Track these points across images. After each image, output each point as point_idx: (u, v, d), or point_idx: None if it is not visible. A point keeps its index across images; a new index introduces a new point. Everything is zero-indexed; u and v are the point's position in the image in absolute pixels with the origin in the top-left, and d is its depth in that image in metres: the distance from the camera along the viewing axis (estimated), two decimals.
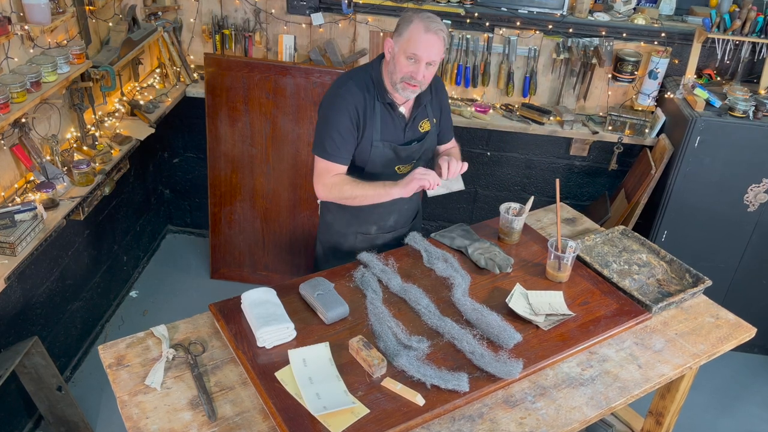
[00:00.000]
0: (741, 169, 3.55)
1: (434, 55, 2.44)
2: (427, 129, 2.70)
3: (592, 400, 2.12)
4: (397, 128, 2.62)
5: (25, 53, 2.86)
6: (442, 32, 2.44)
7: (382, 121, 2.58)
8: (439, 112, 2.76)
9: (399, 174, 2.69)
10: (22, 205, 2.71)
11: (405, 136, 2.64)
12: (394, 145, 2.62)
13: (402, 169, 2.70)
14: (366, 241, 2.84)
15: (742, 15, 3.47)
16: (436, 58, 2.45)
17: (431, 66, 2.47)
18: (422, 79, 2.47)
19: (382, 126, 2.58)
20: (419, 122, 2.67)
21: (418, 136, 2.68)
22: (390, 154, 2.63)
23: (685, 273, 2.67)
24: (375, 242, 2.85)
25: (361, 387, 2.03)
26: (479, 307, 2.32)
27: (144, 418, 1.94)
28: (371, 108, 2.56)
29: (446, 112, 2.81)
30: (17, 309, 3.04)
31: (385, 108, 2.58)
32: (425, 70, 2.45)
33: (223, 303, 2.33)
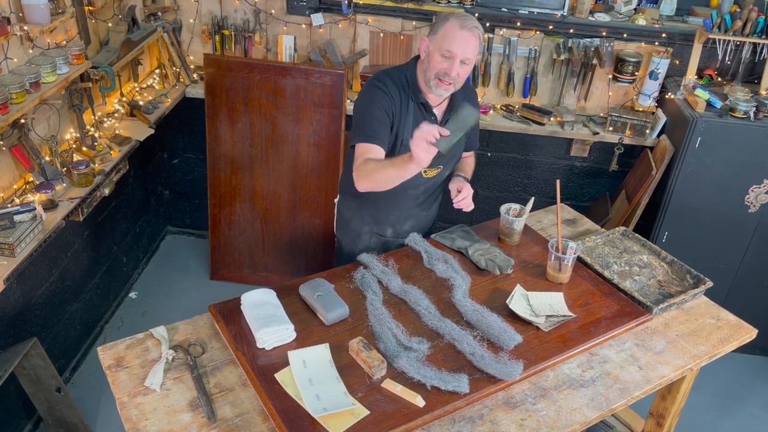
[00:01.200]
0: (742, 170, 3.55)
1: (469, 52, 2.42)
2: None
3: (592, 402, 2.11)
4: None
5: (25, 54, 2.86)
6: (478, 30, 2.43)
7: (415, 120, 2.56)
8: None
9: (424, 177, 2.69)
10: (21, 206, 2.71)
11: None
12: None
13: (428, 172, 2.70)
14: (380, 243, 2.85)
15: (743, 15, 3.46)
16: (471, 56, 2.44)
17: (466, 65, 2.45)
18: (456, 77, 2.46)
19: (414, 126, 2.54)
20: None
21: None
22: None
23: (686, 274, 2.66)
24: (389, 246, 2.85)
25: (361, 388, 2.03)
26: (479, 309, 2.31)
27: (143, 419, 1.94)
28: (405, 106, 2.56)
29: (476, 125, 2.82)
30: (16, 310, 3.03)
31: (418, 108, 2.58)
32: (459, 67, 2.44)
33: (222, 304, 2.33)
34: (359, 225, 2.86)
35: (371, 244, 2.86)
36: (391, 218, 2.81)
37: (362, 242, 2.88)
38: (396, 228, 2.85)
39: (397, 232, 2.86)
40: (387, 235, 2.86)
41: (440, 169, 2.73)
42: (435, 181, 2.77)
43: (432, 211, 2.88)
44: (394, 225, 2.83)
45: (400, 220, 2.82)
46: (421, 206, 2.83)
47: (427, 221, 2.93)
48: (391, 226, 2.84)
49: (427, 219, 2.92)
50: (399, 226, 2.84)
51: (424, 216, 2.88)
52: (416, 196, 2.78)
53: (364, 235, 2.87)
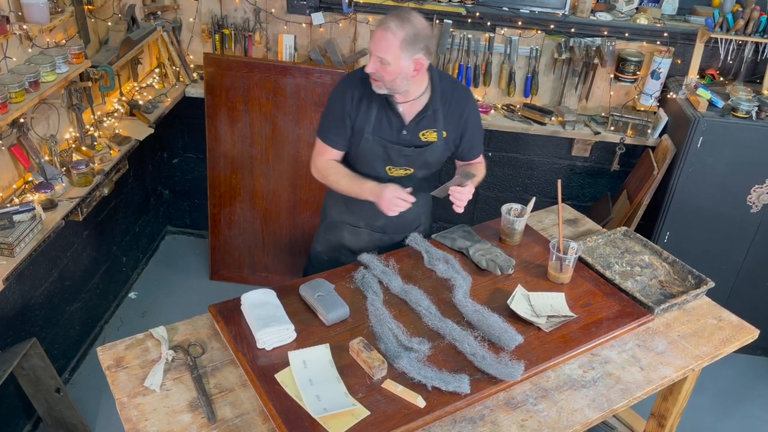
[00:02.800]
0: (744, 170, 3.54)
1: (381, 50, 2.36)
2: (432, 140, 2.61)
3: (593, 402, 2.11)
4: (392, 127, 2.57)
5: (24, 53, 2.85)
6: (393, 30, 2.34)
7: (378, 116, 2.55)
8: (458, 127, 2.64)
9: (389, 176, 2.64)
10: (20, 206, 2.70)
11: (400, 138, 2.59)
12: (385, 142, 2.58)
13: (393, 171, 2.64)
14: (354, 233, 2.82)
15: (745, 15, 3.45)
16: (385, 55, 2.35)
17: (385, 64, 2.37)
18: (374, 73, 2.41)
19: (376, 121, 2.55)
20: (422, 130, 2.59)
21: (416, 143, 2.60)
22: (380, 150, 2.59)
23: (688, 274, 2.66)
24: (362, 237, 2.83)
25: (361, 389, 2.02)
26: (480, 309, 2.31)
27: (143, 419, 1.94)
28: (368, 100, 2.54)
29: (472, 128, 2.69)
30: (16, 310, 3.03)
31: (382, 105, 2.55)
32: (378, 65, 2.39)
33: (222, 304, 2.33)
34: (336, 214, 2.84)
35: (347, 235, 2.84)
36: (364, 211, 2.74)
37: (337, 231, 2.86)
38: (369, 221, 2.79)
39: (370, 225, 2.80)
40: (360, 226, 2.81)
41: (409, 171, 2.65)
42: (404, 182, 2.63)
43: (408, 213, 2.67)
44: (367, 218, 2.78)
45: (371, 216, 2.74)
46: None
47: (403, 223, 2.79)
48: (363, 219, 2.79)
49: (403, 220, 2.76)
50: (372, 220, 2.78)
51: (398, 217, 2.68)
52: None
53: (339, 224, 2.85)
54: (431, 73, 2.55)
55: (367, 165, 2.65)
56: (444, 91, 2.59)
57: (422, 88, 2.53)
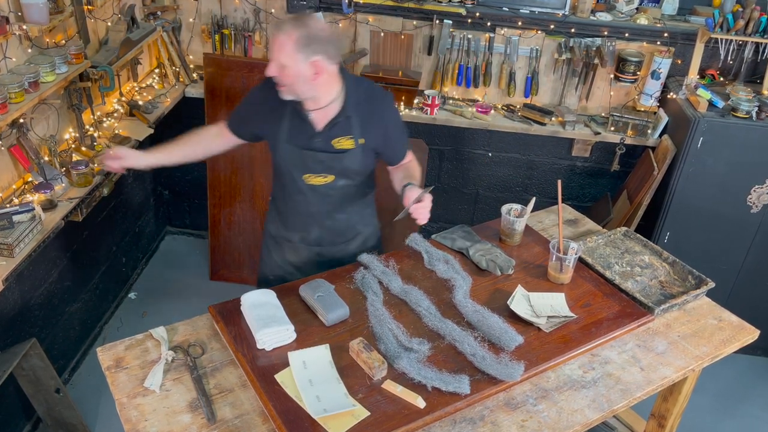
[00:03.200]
0: (744, 170, 3.54)
1: (275, 52, 2.31)
2: (347, 147, 2.51)
3: (593, 403, 2.10)
4: (303, 134, 2.51)
5: (23, 53, 2.85)
6: (287, 33, 2.28)
7: (291, 123, 2.51)
8: (378, 133, 2.54)
9: (308, 184, 2.58)
10: (20, 206, 2.69)
11: (313, 144, 2.50)
12: (299, 149, 2.52)
13: (312, 179, 2.56)
14: (291, 248, 2.77)
15: (746, 15, 3.45)
16: (282, 60, 2.30)
17: (283, 68, 2.32)
18: (276, 77, 2.36)
19: (290, 127, 2.51)
20: (336, 137, 2.49)
21: (330, 149, 2.51)
22: (295, 157, 2.54)
23: (688, 275, 2.65)
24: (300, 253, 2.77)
25: (361, 389, 2.02)
26: (480, 309, 2.30)
27: (143, 420, 1.93)
28: (282, 106, 2.49)
29: (394, 134, 2.61)
30: (15, 310, 3.03)
31: (294, 110, 2.50)
32: (277, 68, 2.34)
33: (222, 305, 2.32)
34: (274, 229, 2.81)
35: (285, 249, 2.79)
36: (296, 223, 2.72)
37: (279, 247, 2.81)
38: (303, 234, 2.73)
39: (305, 240, 2.74)
40: (295, 240, 2.75)
41: (328, 178, 2.56)
42: (325, 190, 2.59)
43: (339, 223, 2.68)
44: (300, 231, 2.72)
45: (304, 227, 2.71)
46: (318, 215, 2.67)
47: (337, 233, 2.73)
48: (297, 231, 2.73)
49: (336, 230, 2.71)
50: (305, 233, 2.72)
51: (330, 226, 2.69)
52: (306, 202, 2.63)
53: (279, 239, 2.80)
54: (345, 79, 2.47)
55: (285, 172, 2.61)
56: (359, 98, 2.49)
57: (333, 94, 2.44)
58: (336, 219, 2.68)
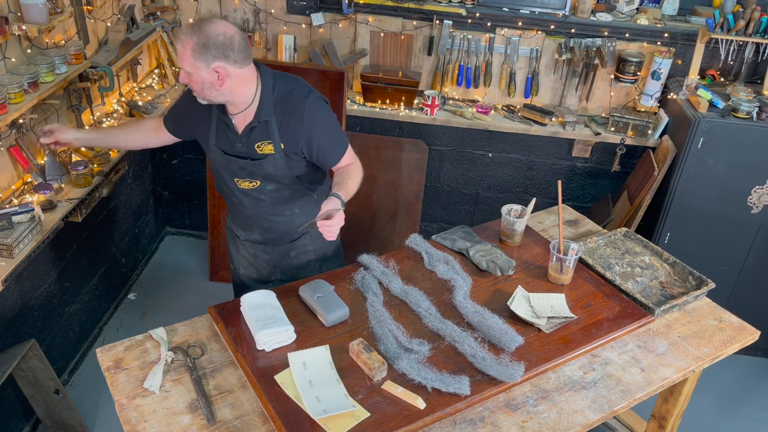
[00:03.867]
0: (744, 171, 3.53)
1: (180, 61, 2.30)
2: (269, 152, 2.46)
3: (594, 404, 2.10)
4: (229, 138, 2.50)
5: (23, 53, 2.85)
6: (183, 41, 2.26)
7: (218, 126, 2.51)
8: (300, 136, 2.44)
9: (239, 188, 2.57)
10: (19, 207, 2.69)
11: (237, 149, 2.49)
12: (224, 154, 2.52)
13: (241, 183, 2.55)
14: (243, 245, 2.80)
15: (746, 15, 3.45)
16: (185, 66, 2.28)
17: (189, 74, 2.29)
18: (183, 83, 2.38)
19: (217, 131, 2.51)
20: (256, 142, 2.45)
21: (253, 155, 2.48)
22: (223, 162, 2.53)
23: (689, 275, 2.65)
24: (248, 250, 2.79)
25: (361, 390, 2.02)
26: (480, 310, 2.30)
27: (142, 421, 1.93)
28: (210, 111, 2.50)
29: (320, 135, 2.47)
30: (14, 311, 3.02)
31: (220, 115, 2.49)
32: (185, 76, 2.31)
33: (222, 305, 2.32)
34: (229, 224, 2.86)
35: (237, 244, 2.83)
36: (237, 222, 2.76)
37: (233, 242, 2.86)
38: (246, 233, 2.75)
39: (248, 238, 2.76)
40: (241, 237, 2.78)
41: (255, 183, 2.54)
42: (256, 194, 2.58)
43: (280, 225, 2.67)
44: (243, 229, 2.75)
45: (245, 226, 2.73)
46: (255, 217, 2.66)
47: (277, 233, 2.71)
48: (241, 228, 2.76)
49: (275, 231, 2.70)
50: (247, 232, 2.74)
51: (269, 228, 2.68)
52: (241, 204, 2.64)
53: (231, 236, 2.85)
54: (263, 81, 2.42)
55: (219, 176, 2.63)
56: (277, 100, 2.43)
57: (247, 98, 2.40)
58: (273, 221, 2.67)
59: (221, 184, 2.67)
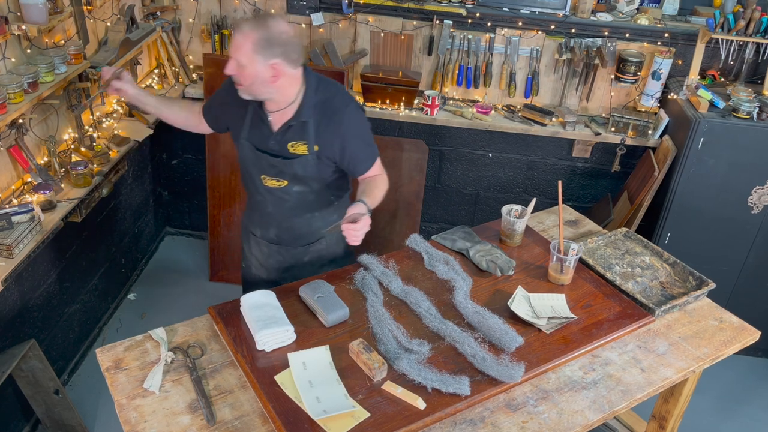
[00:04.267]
0: (745, 171, 3.53)
1: (235, 52, 2.29)
2: (301, 152, 2.47)
3: (594, 404, 2.10)
4: (262, 134, 2.50)
5: (23, 53, 2.84)
6: (246, 33, 2.27)
7: (252, 121, 2.51)
8: (335, 141, 2.47)
9: (264, 185, 2.57)
10: (19, 207, 2.69)
11: (269, 146, 2.50)
12: (255, 149, 2.52)
13: (268, 181, 2.56)
14: (257, 243, 2.79)
15: (746, 15, 3.45)
16: (240, 57, 2.28)
17: (241, 67, 2.30)
18: (231, 74, 2.35)
19: (251, 126, 2.51)
20: (290, 141, 2.47)
21: (285, 154, 2.49)
22: (253, 157, 2.54)
23: (689, 276, 2.65)
24: (261, 249, 2.78)
25: (361, 390, 2.01)
26: (481, 310, 2.30)
27: (142, 421, 1.93)
28: (246, 104, 2.50)
29: (354, 144, 2.50)
30: (14, 312, 3.02)
31: (256, 110, 2.50)
32: (235, 67, 2.31)
33: (222, 306, 2.32)
34: (245, 221, 2.86)
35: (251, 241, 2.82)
36: (255, 219, 2.75)
37: (247, 239, 2.85)
38: (262, 231, 2.75)
39: (264, 236, 2.75)
40: (257, 235, 2.77)
41: (282, 183, 2.55)
42: (281, 194, 2.59)
43: (298, 227, 2.67)
44: (260, 227, 2.75)
45: (262, 224, 2.73)
46: (275, 216, 2.67)
47: (296, 236, 2.71)
48: (258, 227, 2.76)
49: (293, 233, 2.70)
50: (264, 230, 2.74)
51: (287, 229, 2.68)
52: (264, 203, 2.65)
53: (247, 232, 2.85)
54: (307, 82, 2.44)
55: (246, 171, 2.64)
56: (318, 103, 2.45)
57: (291, 97, 2.42)
58: (294, 222, 2.67)
59: (246, 180, 2.67)
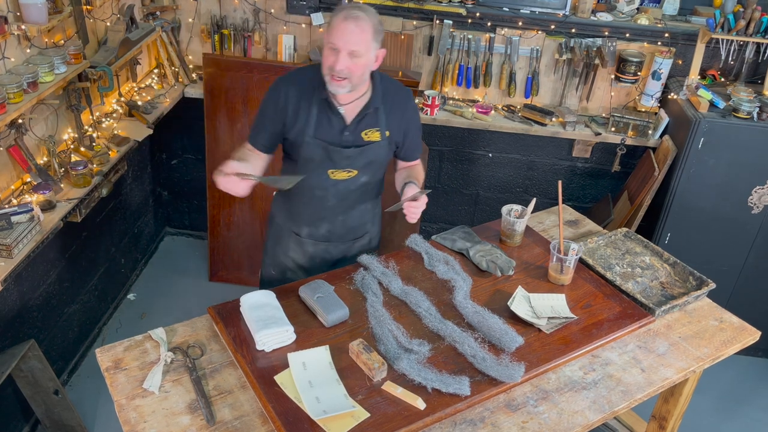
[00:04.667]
0: (745, 171, 3.53)
1: (353, 43, 2.26)
2: (375, 139, 2.52)
3: (594, 404, 2.10)
4: (333, 128, 2.49)
5: (22, 53, 2.84)
6: (365, 20, 2.27)
7: (318, 119, 2.48)
8: (401, 126, 2.58)
9: (332, 179, 2.56)
10: (18, 207, 2.69)
11: (343, 139, 2.49)
12: (326, 145, 2.49)
13: (336, 174, 2.55)
14: (298, 243, 2.75)
15: (747, 15, 3.44)
16: (358, 48, 2.27)
17: (356, 57, 2.29)
18: (344, 70, 2.30)
19: (317, 123, 2.48)
20: (364, 129, 2.50)
21: (359, 142, 2.51)
22: (321, 154, 2.51)
23: (689, 276, 2.65)
24: (306, 249, 2.75)
25: (361, 391, 2.01)
26: (481, 310, 2.29)
27: (142, 422, 1.92)
28: (307, 102, 2.47)
29: (414, 129, 2.65)
30: (14, 312, 3.01)
31: (322, 106, 2.47)
32: (348, 60, 2.28)
33: (221, 306, 2.31)
34: (282, 221, 2.78)
35: (291, 243, 2.77)
36: (305, 217, 2.69)
37: (284, 240, 2.79)
38: (311, 230, 2.71)
39: (312, 235, 2.72)
40: (303, 235, 2.73)
41: (352, 173, 2.56)
42: (347, 185, 2.59)
43: (352, 220, 2.69)
44: (309, 226, 2.71)
45: (313, 221, 2.69)
46: (335, 210, 2.65)
47: (347, 229, 2.73)
48: (306, 225, 2.71)
49: (347, 226, 2.72)
50: (314, 228, 2.71)
51: (342, 222, 2.69)
52: (325, 197, 2.61)
53: (285, 232, 2.78)
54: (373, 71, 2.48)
55: (309, 169, 2.56)
56: (385, 90, 2.52)
57: (366, 85, 2.47)
58: (350, 215, 2.70)
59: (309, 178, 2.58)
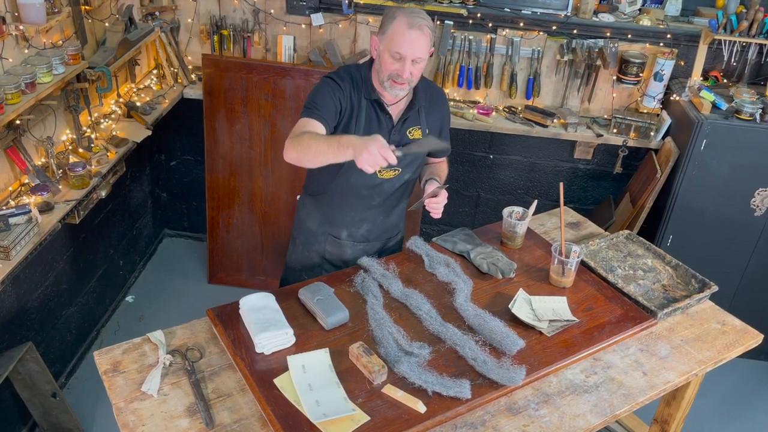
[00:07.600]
0: (748, 173, 3.52)
1: (419, 51, 2.35)
2: (417, 137, 2.58)
3: (596, 408, 2.09)
4: (382, 129, 2.51)
5: (20, 54, 2.83)
6: (427, 27, 2.35)
7: (368, 119, 2.50)
8: (437, 124, 2.66)
9: (380, 178, 2.58)
10: (16, 209, 2.68)
11: (390, 138, 2.51)
12: None
13: (384, 172, 2.56)
14: (335, 245, 2.75)
15: (749, 16, 3.44)
16: (422, 55, 2.36)
17: (418, 63, 2.38)
18: (409, 77, 2.40)
19: (366, 123, 2.50)
20: (409, 128, 2.56)
21: (405, 141, 2.55)
22: None
23: (691, 278, 2.63)
24: (344, 250, 2.76)
25: (361, 394, 2.00)
26: (481, 313, 2.29)
27: (140, 425, 1.91)
28: (357, 102, 2.49)
29: (447, 128, 2.74)
30: (11, 314, 3.00)
31: (371, 106, 2.50)
32: (412, 67, 2.38)
33: (220, 308, 2.31)
34: (315, 225, 2.77)
35: (327, 246, 2.77)
36: (346, 219, 2.70)
37: (317, 243, 2.78)
38: (351, 231, 2.73)
39: (352, 236, 2.74)
40: (342, 237, 2.74)
41: (398, 171, 2.59)
42: (392, 184, 2.63)
43: (391, 219, 2.75)
44: (349, 227, 2.72)
45: (355, 222, 2.70)
46: (377, 210, 2.69)
47: (385, 228, 2.78)
48: (345, 227, 2.72)
49: (385, 226, 2.77)
50: (354, 228, 2.72)
51: (382, 222, 2.74)
52: (370, 197, 2.63)
53: (320, 236, 2.77)
54: None
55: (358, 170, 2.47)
56: (423, 90, 2.59)
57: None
58: (390, 215, 2.75)
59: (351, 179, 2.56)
